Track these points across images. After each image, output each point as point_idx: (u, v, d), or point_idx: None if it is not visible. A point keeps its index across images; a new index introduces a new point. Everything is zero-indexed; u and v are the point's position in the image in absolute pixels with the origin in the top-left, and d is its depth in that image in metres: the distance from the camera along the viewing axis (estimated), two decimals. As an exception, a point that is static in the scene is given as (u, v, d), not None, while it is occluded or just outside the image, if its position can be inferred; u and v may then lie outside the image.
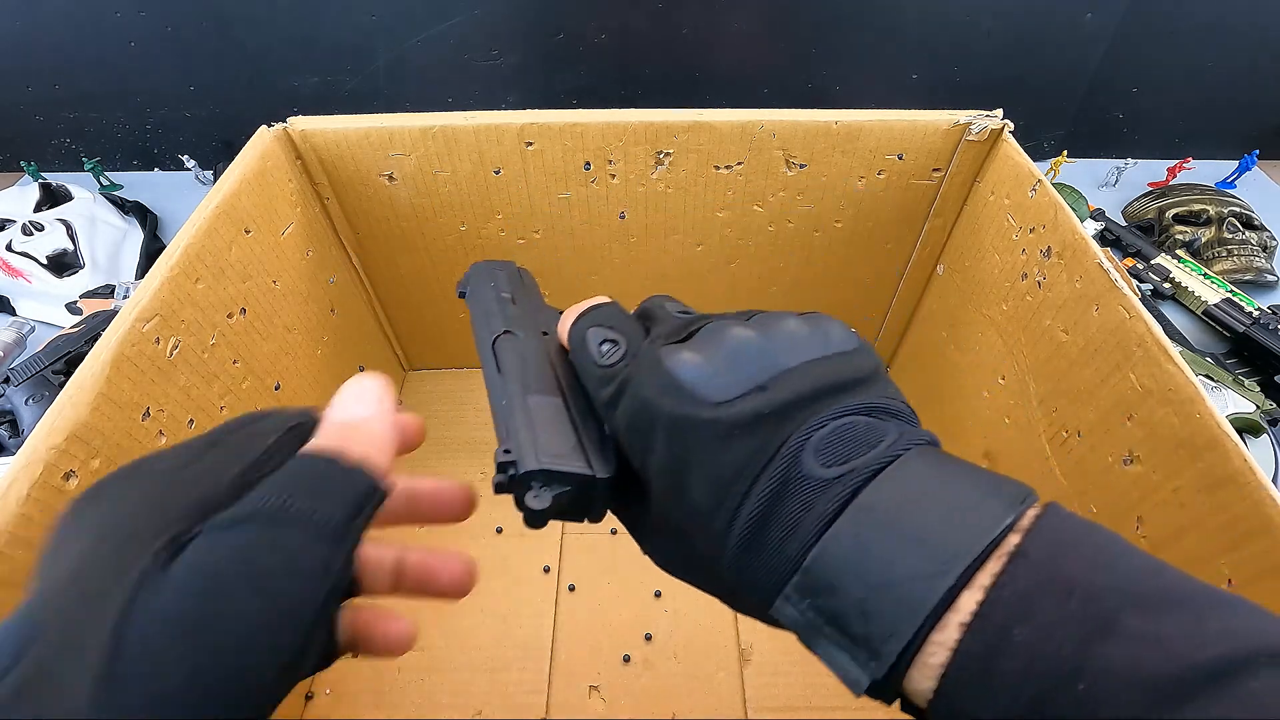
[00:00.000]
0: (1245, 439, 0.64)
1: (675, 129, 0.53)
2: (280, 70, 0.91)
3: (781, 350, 0.22)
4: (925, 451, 0.20)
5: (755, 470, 0.20)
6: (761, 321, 0.23)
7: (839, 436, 0.20)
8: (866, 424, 0.20)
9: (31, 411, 0.62)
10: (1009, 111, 0.52)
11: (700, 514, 0.21)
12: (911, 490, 0.18)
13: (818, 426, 0.20)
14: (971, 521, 0.17)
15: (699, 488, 0.21)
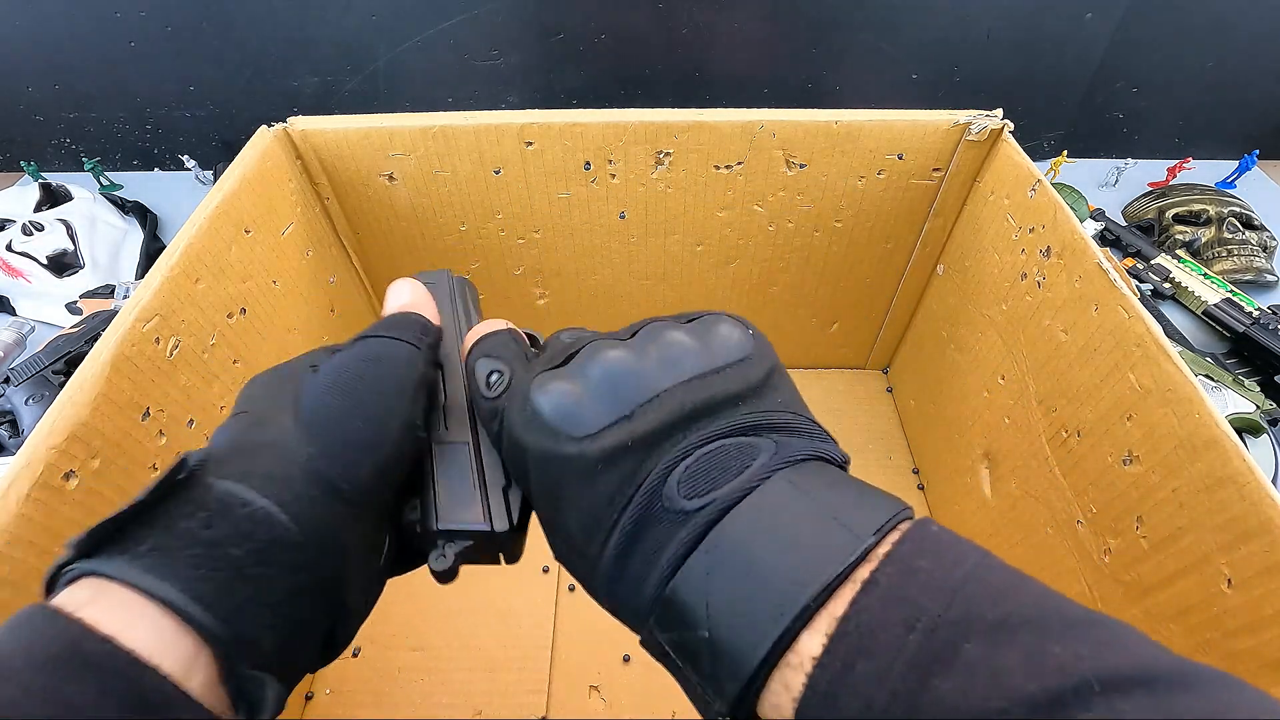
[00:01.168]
0: (1245, 439, 0.64)
1: (675, 129, 0.53)
2: (280, 70, 0.91)
3: (654, 371, 0.21)
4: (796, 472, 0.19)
5: (621, 503, 0.19)
6: (644, 336, 0.22)
7: (704, 465, 0.19)
8: (738, 446, 0.19)
9: (31, 411, 0.62)
10: (1009, 111, 0.52)
11: (576, 545, 0.21)
12: (764, 522, 0.18)
13: (683, 455, 0.19)
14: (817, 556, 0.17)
15: (572, 519, 0.21)
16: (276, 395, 0.24)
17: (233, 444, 0.22)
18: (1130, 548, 0.38)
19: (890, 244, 0.63)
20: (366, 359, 0.25)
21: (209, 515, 0.19)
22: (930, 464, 0.68)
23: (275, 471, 0.21)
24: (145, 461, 0.37)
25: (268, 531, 0.20)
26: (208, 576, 0.19)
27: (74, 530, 0.32)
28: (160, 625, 0.18)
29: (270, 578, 0.20)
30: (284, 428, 0.23)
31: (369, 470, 0.23)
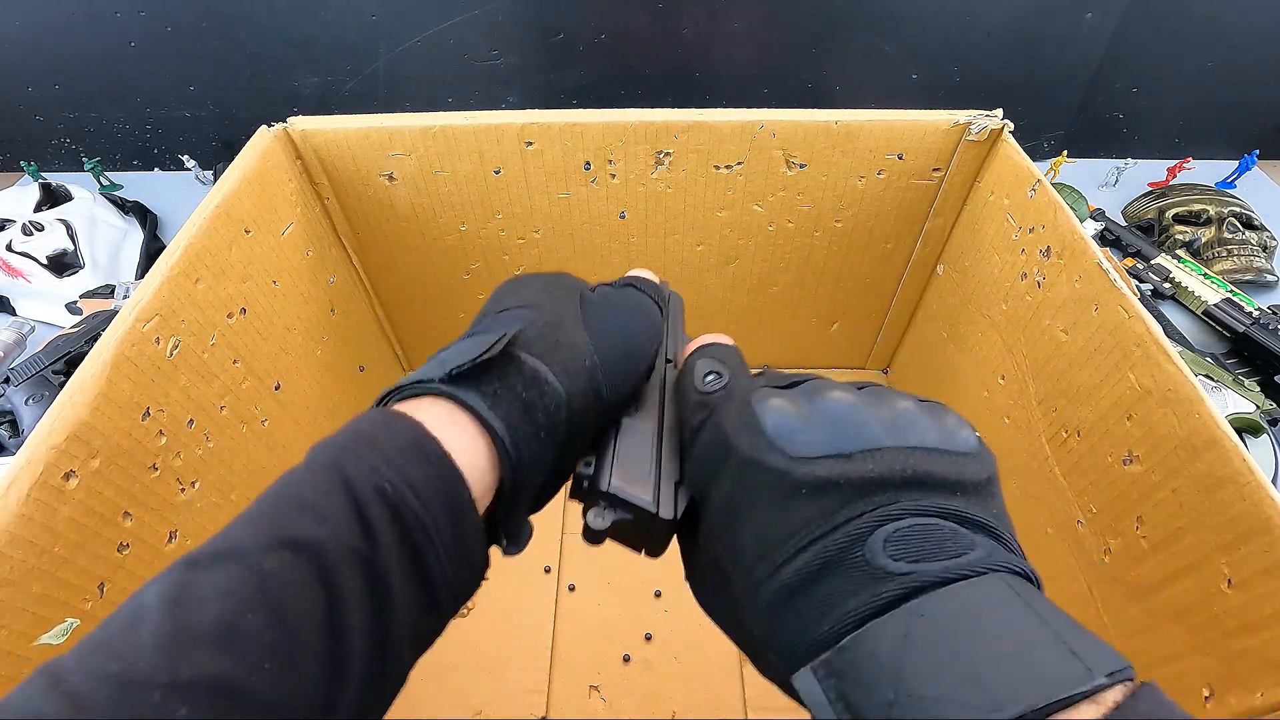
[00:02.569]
0: (1245, 439, 0.64)
1: (675, 129, 0.53)
2: (280, 70, 0.91)
3: (881, 426, 0.21)
4: (1014, 582, 0.18)
5: (811, 535, 0.19)
6: (873, 393, 0.22)
7: (916, 533, 0.18)
8: (953, 531, 0.19)
9: (31, 411, 0.62)
10: (1009, 111, 0.52)
11: (743, 557, 0.21)
12: (981, 616, 0.17)
13: (897, 516, 0.19)
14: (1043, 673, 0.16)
15: (749, 532, 0.21)
16: (562, 303, 0.28)
17: (536, 332, 0.26)
18: (1130, 548, 0.38)
19: (890, 244, 0.63)
20: (635, 305, 0.30)
21: (525, 381, 0.24)
22: (930, 464, 0.68)
23: (569, 366, 0.26)
24: (145, 461, 0.37)
25: (557, 410, 0.25)
26: (521, 427, 0.24)
27: (74, 530, 0.32)
28: (479, 450, 0.23)
29: (550, 447, 0.25)
30: (575, 333, 0.27)
31: (619, 391, 0.28)
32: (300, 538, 0.19)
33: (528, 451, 0.24)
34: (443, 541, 0.21)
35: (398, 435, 0.22)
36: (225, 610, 0.17)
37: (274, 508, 0.20)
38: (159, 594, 0.18)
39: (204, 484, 0.42)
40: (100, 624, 0.18)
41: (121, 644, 0.17)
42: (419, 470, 0.21)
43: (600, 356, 0.27)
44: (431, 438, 0.22)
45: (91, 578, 0.34)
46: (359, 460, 0.21)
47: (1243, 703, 0.31)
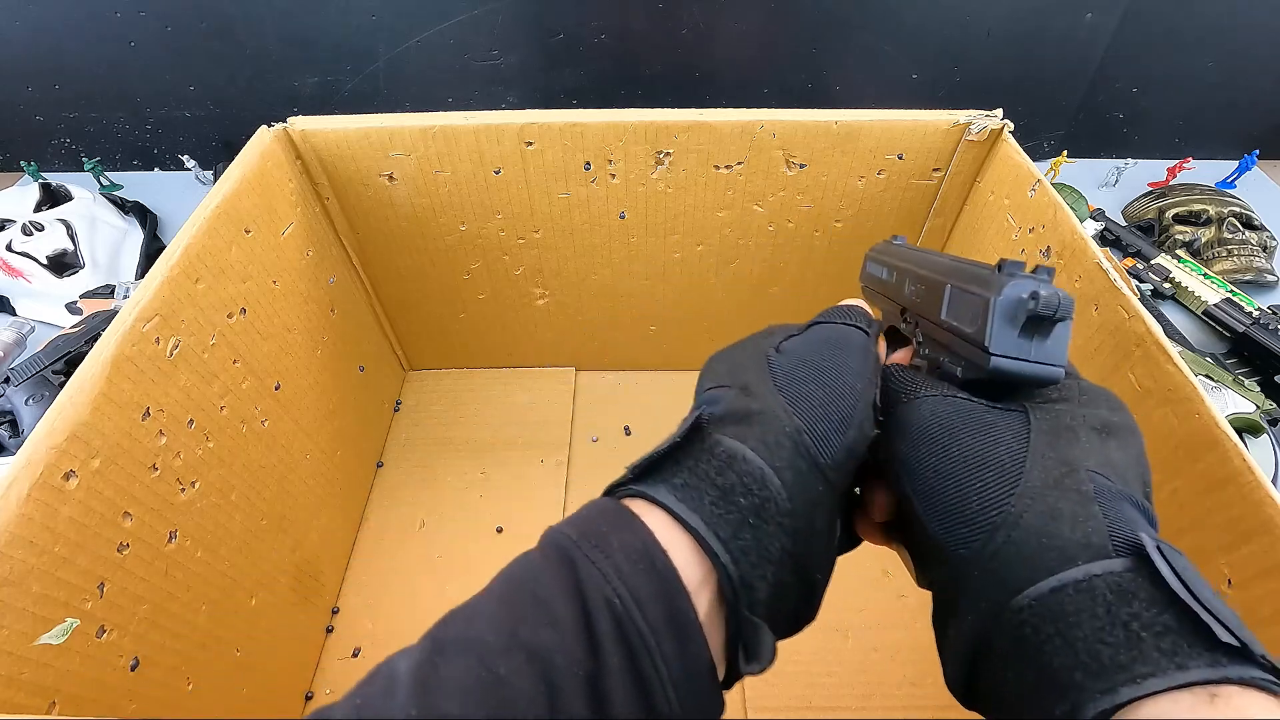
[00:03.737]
0: (1245, 439, 0.64)
1: (675, 129, 0.53)
2: (280, 70, 0.91)
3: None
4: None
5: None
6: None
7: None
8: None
9: (31, 411, 0.62)
10: (1009, 111, 0.52)
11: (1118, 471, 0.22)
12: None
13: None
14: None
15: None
16: (750, 370, 0.26)
17: (727, 409, 0.24)
18: (1130, 548, 0.38)
19: (890, 244, 0.63)
20: (829, 343, 0.27)
21: (719, 465, 0.22)
22: (930, 464, 0.68)
23: (768, 439, 0.23)
24: (145, 461, 0.37)
25: (763, 490, 0.22)
26: (723, 516, 0.22)
27: (74, 530, 0.32)
28: (687, 552, 0.21)
29: (767, 533, 0.22)
30: (769, 399, 0.24)
31: (841, 448, 0.24)
32: (534, 645, 0.19)
33: (737, 542, 0.21)
34: (668, 664, 0.20)
35: (628, 539, 0.21)
36: (463, 709, 0.18)
37: (514, 599, 0.20)
38: (409, 671, 0.19)
39: (204, 484, 0.42)
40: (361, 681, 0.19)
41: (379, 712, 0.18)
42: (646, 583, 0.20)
43: (805, 419, 0.24)
44: (660, 547, 0.21)
45: (91, 578, 0.34)
46: (589, 565, 0.20)
47: (1243, 703, 0.31)
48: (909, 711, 0.54)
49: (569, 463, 0.71)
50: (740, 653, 0.22)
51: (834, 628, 0.58)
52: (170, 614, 0.39)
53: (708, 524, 0.21)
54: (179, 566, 0.40)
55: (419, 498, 0.68)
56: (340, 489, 0.61)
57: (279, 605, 0.51)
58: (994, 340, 0.23)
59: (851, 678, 0.55)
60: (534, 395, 0.76)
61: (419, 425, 0.74)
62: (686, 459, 0.23)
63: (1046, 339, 0.23)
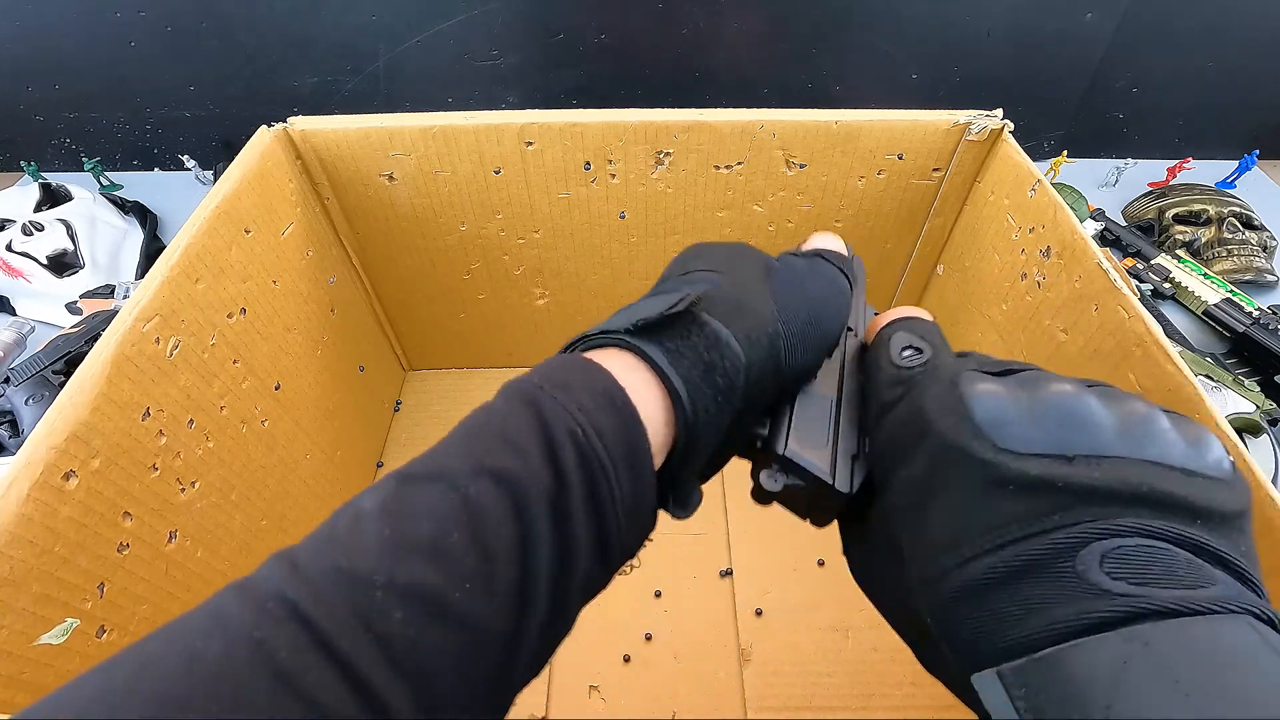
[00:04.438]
0: (1245, 439, 0.64)
1: (675, 129, 0.53)
2: (280, 70, 0.91)
3: (1111, 431, 0.19)
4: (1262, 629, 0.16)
5: (1013, 534, 0.18)
6: (1104, 393, 0.20)
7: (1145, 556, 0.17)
8: (1188, 561, 0.17)
9: (31, 411, 0.62)
10: (1009, 111, 0.52)
11: (928, 544, 0.20)
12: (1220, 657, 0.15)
13: (1119, 533, 0.17)
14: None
15: (939, 520, 0.20)
16: (747, 270, 0.28)
17: (721, 296, 0.26)
18: (1130, 548, 0.38)
19: (890, 244, 0.63)
20: (825, 276, 0.29)
21: (707, 343, 0.24)
22: (930, 464, 0.68)
23: (752, 333, 0.25)
24: (145, 461, 0.37)
25: (735, 375, 0.24)
26: (699, 386, 0.23)
27: (74, 530, 0.32)
28: (658, 405, 0.23)
29: (725, 411, 0.24)
30: (761, 300, 0.26)
31: (799, 367, 0.26)
32: (501, 469, 0.20)
33: (704, 412, 0.23)
34: (621, 493, 0.21)
35: (590, 381, 0.22)
36: (434, 526, 0.19)
37: (477, 437, 0.21)
38: (376, 503, 0.19)
39: (204, 484, 0.42)
40: (323, 523, 0.20)
41: (347, 542, 0.19)
42: (608, 418, 0.21)
43: (784, 326, 0.26)
44: (620, 387, 0.22)
45: (91, 578, 0.34)
46: (552, 400, 0.21)
47: (1243, 703, 0.31)
48: (909, 711, 0.54)
49: (569, 463, 0.71)
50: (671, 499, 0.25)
51: (834, 628, 0.58)
52: (170, 614, 0.39)
53: (688, 390, 0.23)
54: (179, 566, 0.40)
55: (419, 498, 0.68)
56: (340, 489, 0.61)
57: (279, 605, 0.51)
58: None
59: (851, 678, 0.55)
60: (534, 395, 0.76)
61: (419, 425, 0.74)
62: (680, 328, 0.24)
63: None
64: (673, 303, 0.24)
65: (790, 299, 0.27)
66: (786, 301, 0.27)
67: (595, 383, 0.22)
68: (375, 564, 0.18)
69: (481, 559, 0.19)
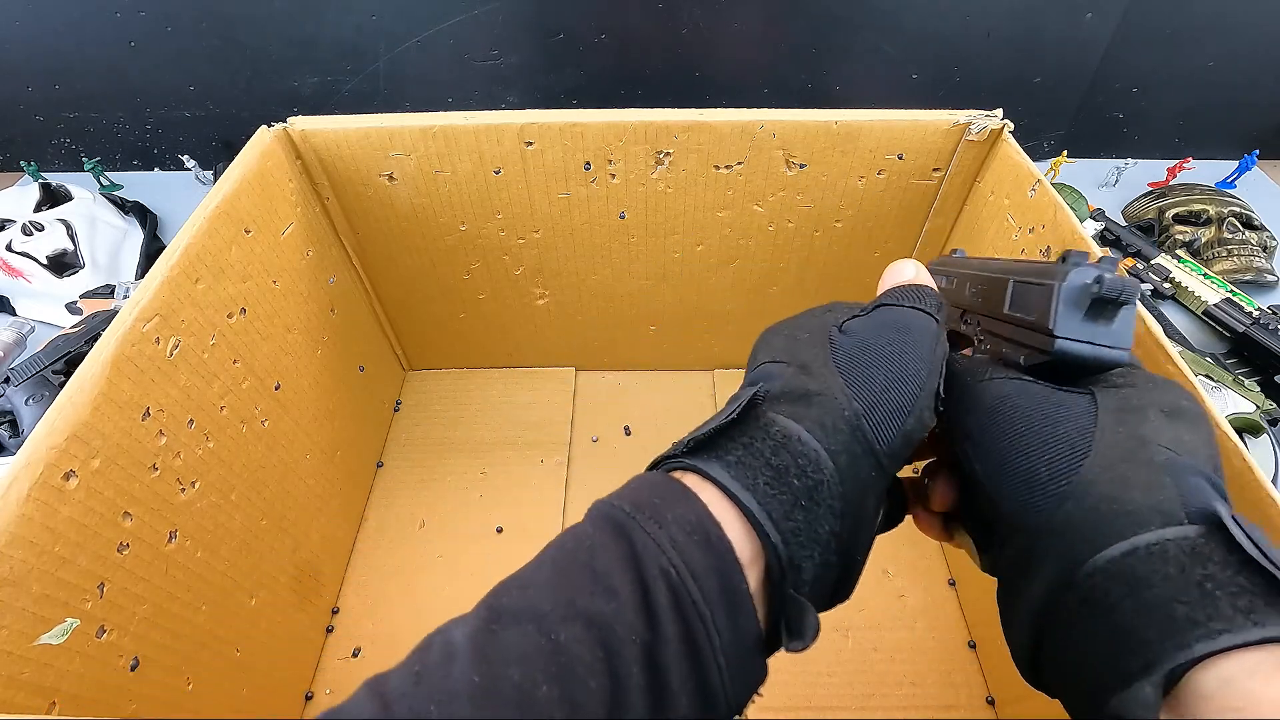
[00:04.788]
0: (1245, 439, 0.64)
1: (675, 129, 0.53)
2: (280, 70, 0.91)
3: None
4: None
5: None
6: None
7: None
8: None
9: (31, 411, 0.62)
10: (1009, 111, 0.52)
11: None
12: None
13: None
14: None
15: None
16: (811, 347, 0.26)
17: (784, 386, 0.24)
18: (1130, 548, 0.38)
19: (890, 244, 0.63)
20: (895, 327, 0.26)
21: (774, 444, 0.22)
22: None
23: (825, 421, 0.23)
24: (145, 461, 0.37)
25: (817, 473, 0.22)
26: (775, 496, 0.21)
27: (74, 530, 0.32)
28: (739, 528, 0.21)
29: (818, 516, 0.22)
30: (829, 381, 0.24)
31: (898, 436, 0.24)
32: (592, 612, 0.19)
33: (787, 524, 0.21)
34: (722, 640, 0.20)
35: (682, 511, 0.21)
36: (524, 676, 0.18)
37: (567, 571, 0.20)
38: (467, 640, 0.19)
39: (204, 484, 0.42)
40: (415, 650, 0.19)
41: (439, 686, 0.18)
42: (700, 555, 0.20)
43: (865, 403, 0.23)
44: (714, 520, 0.21)
45: (91, 578, 0.34)
46: (645, 536, 0.20)
47: (1243, 703, 0.31)
48: (909, 711, 0.54)
49: (569, 463, 0.71)
50: (784, 629, 0.22)
51: (834, 628, 0.58)
52: (170, 614, 0.39)
53: (761, 503, 0.21)
54: (179, 566, 0.40)
55: (419, 498, 0.68)
56: (340, 489, 0.61)
57: (279, 605, 0.51)
58: (1059, 324, 0.24)
59: (851, 678, 0.55)
60: (534, 395, 0.76)
61: (419, 425, 0.74)
62: (741, 435, 0.22)
63: (1112, 323, 0.24)
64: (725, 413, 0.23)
65: (857, 369, 0.24)
66: (854, 372, 0.24)
67: (688, 513, 0.21)
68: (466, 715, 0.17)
69: (568, 711, 0.18)
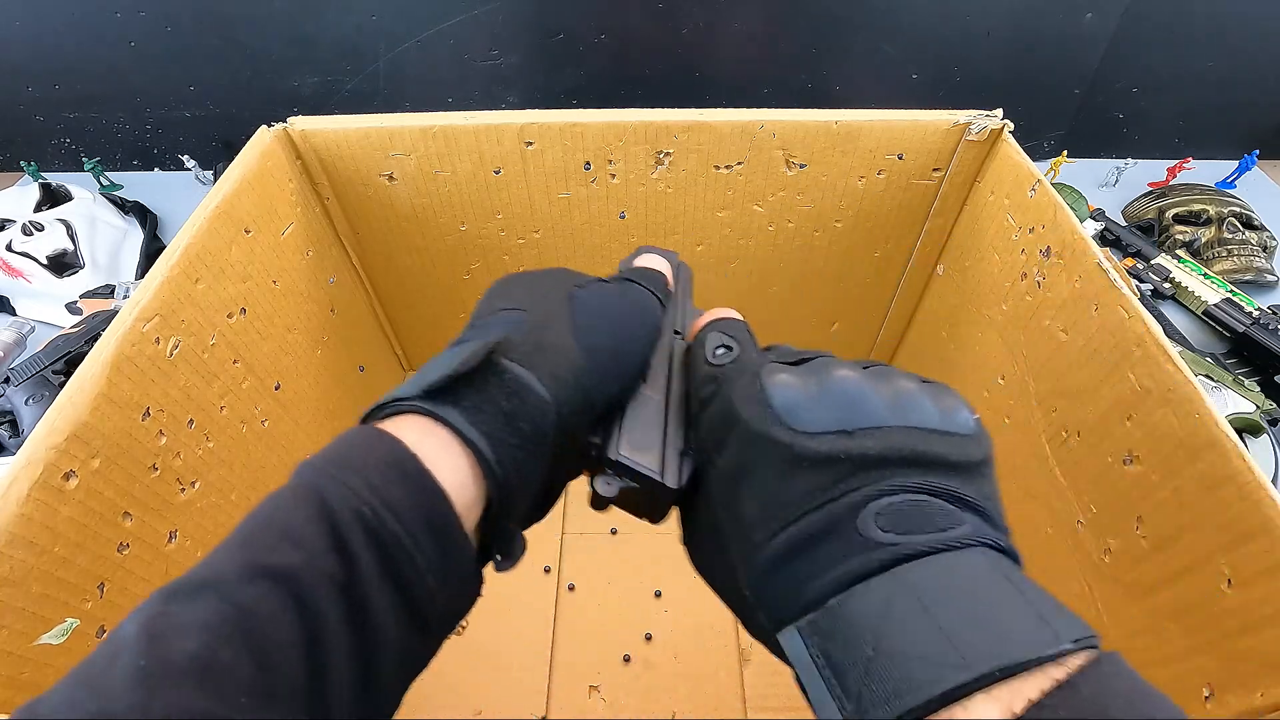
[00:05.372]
0: (1245, 439, 0.64)
1: (675, 129, 0.53)
2: (280, 70, 0.91)
3: (884, 405, 0.22)
4: (994, 557, 0.19)
5: (808, 506, 0.21)
6: (878, 372, 0.23)
7: (906, 509, 0.20)
8: (941, 509, 0.20)
9: (31, 411, 0.62)
10: (1009, 111, 0.52)
11: (743, 523, 0.22)
12: (959, 584, 0.18)
13: (890, 492, 0.20)
14: (1014, 636, 0.17)
15: (751, 499, 0.22)
16: (550, 303, 0.28)
17: (523, 336, 0.26)
18: (1130, 548, 0.38)
19: (890, 244, 0.63)
20: (633, 301, 0.29)
21: (509, 392, 0.24)
22: (930, 464, 0.68)
23: (557, 373, 0.25)
24: (145, 461, 0.37)
25: (543, 419, 0.24)
26: (504, 439, 0.23)
27: (74, 530, 0.32)
28: (461, 466, 0.23)
29: (539, 455, 0.24)
30: (564, 336, 0.26)
31: (612, 395, 0.27)
32: (277, 566, 0.19)
33: (512, 464, 0.23)
34: (427, 562, 0.21)
35: (376, 454, 0.22)
36: (202, 644, 0.17)
37: (253, 535, 0.20)
38: (136, 626, 0.18)
39: (204, 484, 0.42)
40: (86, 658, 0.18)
41: (100, 679, 0.17)
42: (399, 490, 0.21)
43: (592, 362, 0.26)
44: (411, 455, 0.22)
45: (91, 578, 0.34)
46: (336, 483, 0.21)
47: (1243, 703, 0.31)
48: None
49: (569, 463, 0.71)
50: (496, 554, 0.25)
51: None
52: (170, 614, 0.39)
53: (492, 446, 0.23)
54: (179, 566, 0.40)
55: (419, 498, 0.68)
56: (340, 489, 0.61)
57: (279, 605, 0.51)
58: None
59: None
60: (534, 395, 0.76)
61: (419, 425, 0.74)
62: (479, 381, 0.24)
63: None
64: (464, 358, 0.23)
65: (594, 332, 0.27)
66: (590, 336, 0.27)
67: (383, 455, 0.22)
68: (129, 701, 0.16)
69: (260, 669, 0.17)
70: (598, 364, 0.26)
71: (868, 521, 0.20)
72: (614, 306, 0.29)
